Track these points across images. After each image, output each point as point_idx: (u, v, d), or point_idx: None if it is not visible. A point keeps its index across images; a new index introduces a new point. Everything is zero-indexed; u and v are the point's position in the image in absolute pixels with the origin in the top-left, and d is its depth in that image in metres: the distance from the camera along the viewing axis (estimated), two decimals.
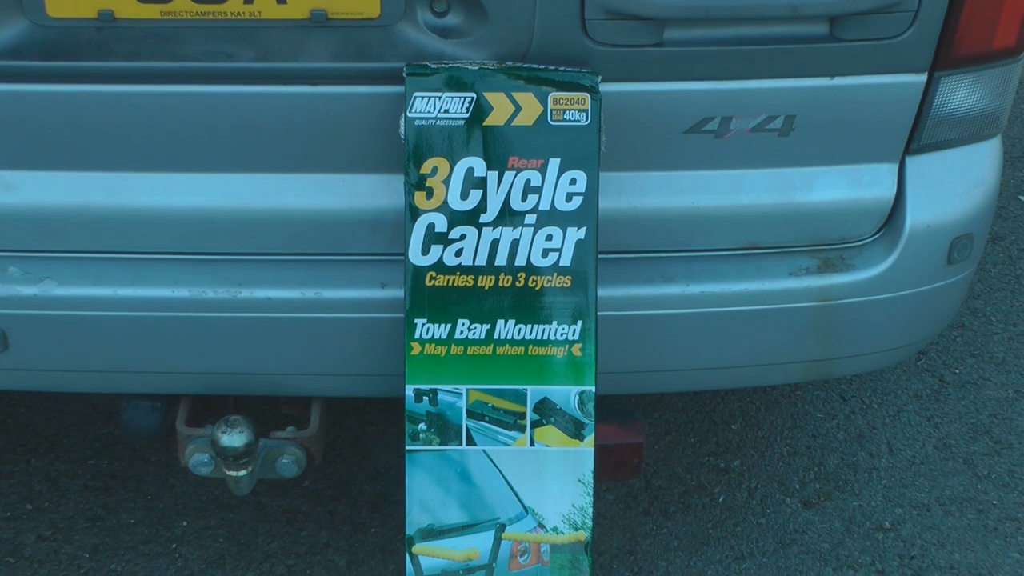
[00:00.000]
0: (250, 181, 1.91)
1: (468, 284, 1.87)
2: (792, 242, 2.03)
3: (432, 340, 1.88)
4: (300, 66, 1.80)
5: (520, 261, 1.86)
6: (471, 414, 1.90)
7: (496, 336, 1.88)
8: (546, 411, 1.91)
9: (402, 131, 1.82)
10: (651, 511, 2.64)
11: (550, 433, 1.91)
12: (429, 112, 1.82)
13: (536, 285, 1.87)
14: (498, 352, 1.88)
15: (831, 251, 2.04)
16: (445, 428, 1.90)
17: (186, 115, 1.84)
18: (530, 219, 1.85)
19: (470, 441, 1.91)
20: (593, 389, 1.89)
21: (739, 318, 2.02)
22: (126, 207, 1.92)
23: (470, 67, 1.81)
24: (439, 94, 1.81)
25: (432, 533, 1.94)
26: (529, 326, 1.88)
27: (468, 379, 1.89)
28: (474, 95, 1.81)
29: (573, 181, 1.85)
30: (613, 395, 2.03)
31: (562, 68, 1.82)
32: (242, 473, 2.02)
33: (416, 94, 1.80)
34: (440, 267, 1.86)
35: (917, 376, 3.01)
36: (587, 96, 1.82)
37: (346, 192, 1.92)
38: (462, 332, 1.88)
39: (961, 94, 1.95)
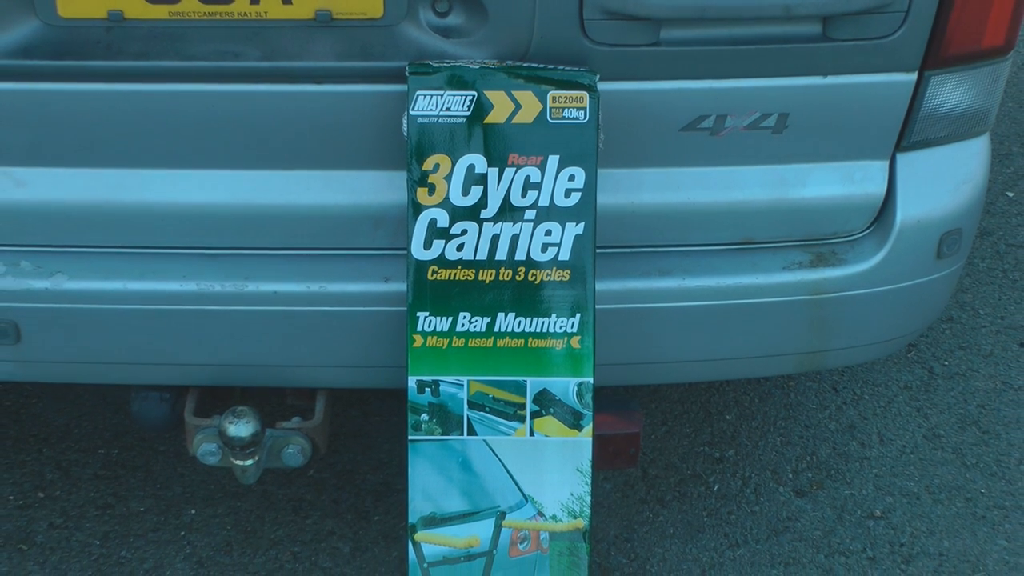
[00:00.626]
0: (256, 177, 1.93)
1: (469, 278, 1.88)
2: (785, 237, 2.05)
3: (434, 333, 1.90)
4: (305, 65, 1.82)
5: (520, 256, 1.88)
6: (472, 405, 1.92)
7: (496, 329, 1.90)
8: (545, 402, 1.93)
9: (405, 128, 1.84)
10: (648, 499, 2.66)
11: (549, 423, 1.94)
12: (431, 110, 1.83)
13: (536, 279, 1.89)
14: (498, 344, 1.90)
15: (823, 246, 2.05)
16: (447, 418, 1.93)
17: (194, 113, 1.86)
18: (530, 215, 1.87)
19: (471, 431, 1.93)
20: (591, 380, 1.91)
21: (734, 311, 2.03)
22: (135, 203, 1.94)
23: (471, 66, 1.83)
24: (441, 92, 1.82)
25: (434, 521, 1.96)
26: (529, 319, 1.90)
27: (469, 371, 1.91)
28: (475, 93, 1.83)
29: (572, 177, 1.86)
30: (611, 386, 2.04)
31: (561, 67, 1.83)
32: (248, 462, 2.04)
33: (418, 92, 1.82)
34: (442, 261, 1.88)
35: (907, 368, 3.03)
36: (585, 94, 1.83)
37: (350, 188, 1.94)
38: (463, 325, 1.90)
39: (950, 92, 1.96)
